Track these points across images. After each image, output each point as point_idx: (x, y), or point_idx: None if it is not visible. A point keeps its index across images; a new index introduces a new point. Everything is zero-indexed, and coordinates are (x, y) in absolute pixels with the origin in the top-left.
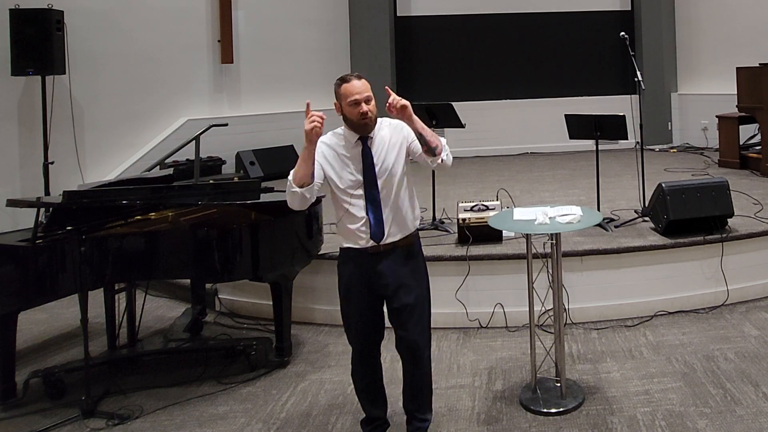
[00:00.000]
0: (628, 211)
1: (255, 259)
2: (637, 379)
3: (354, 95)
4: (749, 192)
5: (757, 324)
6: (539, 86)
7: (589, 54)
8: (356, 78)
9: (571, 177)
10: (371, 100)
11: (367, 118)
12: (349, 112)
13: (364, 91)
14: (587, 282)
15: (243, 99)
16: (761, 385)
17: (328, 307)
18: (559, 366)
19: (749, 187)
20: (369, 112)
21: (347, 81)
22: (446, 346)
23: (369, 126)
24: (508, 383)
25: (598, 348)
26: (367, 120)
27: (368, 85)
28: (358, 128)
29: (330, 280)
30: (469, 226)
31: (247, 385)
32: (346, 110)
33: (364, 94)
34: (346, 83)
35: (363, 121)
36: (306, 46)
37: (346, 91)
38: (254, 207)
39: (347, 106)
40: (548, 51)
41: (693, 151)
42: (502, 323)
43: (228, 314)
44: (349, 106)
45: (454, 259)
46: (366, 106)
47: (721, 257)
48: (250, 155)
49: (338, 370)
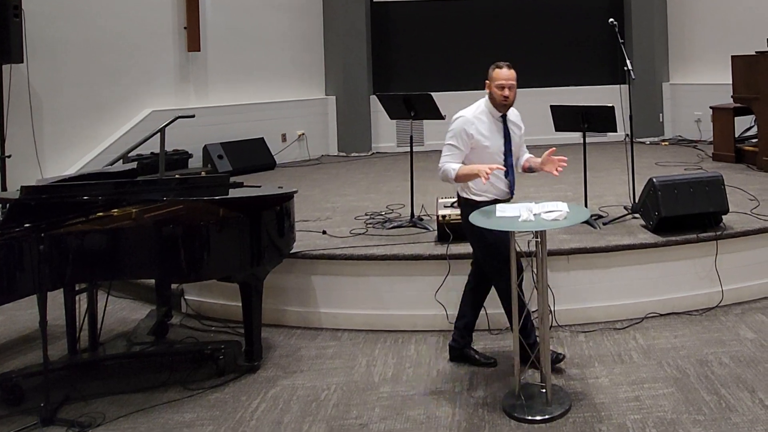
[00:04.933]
0: (617, 207)
1: (223, 258)
2: (626, 385)
3: (501, 80)
4: (745, 187)
5: (754, 326)
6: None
7: (576, 42)
8: (507, 67)
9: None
10: (514, 87)
11: (507, 101)
12: (495, 92)
13: (510, 79)
14: (574, 282)
15: (210, 89)
16: (758, 390)
17: (300, 309)
18: (545, 371)
19: (745, 182)
20: (509, 97)
21: (500, 67)
22: (425, 350)
23: (507, 107)
24: (491, 389)
25: (585, 352)
26: (506, 102)
27: (515, 75)
28: (498, 106)
29: (303, 280)
30: (449, 223)
31: (214, 391)
32: (493, 90)
33: (509, 81)
34: (498, 69)
35: (503, 102)
36: (277, 33)
37: (497, 75)
38: (222, 203)
39: (495, 88)
40: (533, 38)
41: (686, 144)
42: (485, 326)
43: (195, 316)
44: (495, 87)
45: (433, 257)
46: (508, 92)
47: (715, 256)
48: (218, 148)
49: (311, 375)
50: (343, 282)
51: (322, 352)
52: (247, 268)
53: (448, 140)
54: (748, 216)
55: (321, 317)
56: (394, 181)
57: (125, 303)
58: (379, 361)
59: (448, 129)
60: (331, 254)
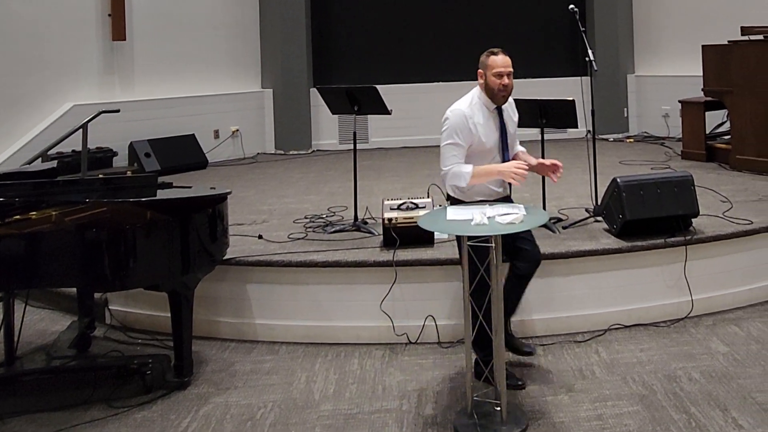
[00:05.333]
0: (578, 210)
1: (151, 265)
2: (588, 403)
3: (499, 68)
4: (717, 188)
5: (726, 339)
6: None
7: (534, 30)
8: (503, 53)
9: None
10: (511, 75)
11: (506, 90)
12: (492, 81)
13: (508, 66)
14: (531, 291)
15: (137, 81)
16: (730, 409)
17: (234, 320)
18: (499, 387)
19: (717, 183)
20: (508, 85)
21: (495, 54)
22: (370, 364)
23: (505, 97)
24: (441, 407)
25: (543, 366)
26: (505, 92)
27: (510, 62)
28: (495, 97)
29: (237, 288)
30: (396, 227)
31: (141, 410)
32: (489, 79)
33: (508, 68)
34: (494, 56)
35: (502, 92)
36: (210, 22)
37: (493, 62)
38: (150, 205)
39: (491, 76)
40: (487, 27)
41: (652, 141)
42: (434, 338)
43: (120, 328)
44: (493, 76)
45: (378, 264)
46: (507, 80)
47: (684, 263)
48: (146, 146)
49: (246, 392)
50: (281, 291)
51: (258, 366)
52: (176, 275)
53: (446, 140)
54: (719, 219)
55: (257, 329)
56: (336, 182)
57: (44, 313)
58: (320, 376)
59: (443, 127)
60: (267, 261)
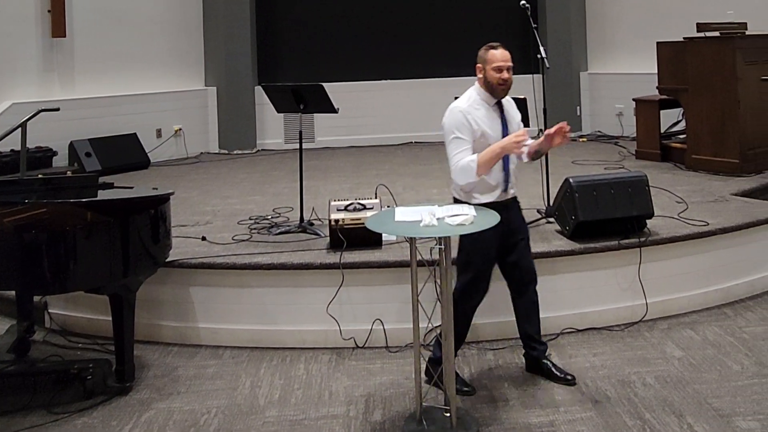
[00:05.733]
0: (529, 211)
1: (92, 268)
2: (539, 408)
3: (499, 62)
4: (672, 188)
5: (681, 343)
6: (425, 64)
7: (484, 27)
8: (502, 48)
9: None
10: (511, 69)
11: (506, 83)
12: (491, 75)
13: (508, 60)
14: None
15: (77, 79)
16: (686, 415)
17: (177, 324)
18: (449, 393)
19: (672, 183)
20: (508, 79)
21: (495, 48)
22: (316, 369)
23: (505, 91)
24: (389, 413)
25: (494, 371)
26: (504, 86)
27: (510, 56)
28: (495, 91)
29: (180, 291)
30: (343, 228)
31: (82, 415)
32: (489, 74)
33: (507, 63)
34: (494, 50)
35: (502, 86)
36: (152, 18)
37: (492, 57)
38: (91, 206)
39: (491, 70)
40: (436, 23)
41: (606, 141)
42: (382, 342)
43: (60, 332)
44: (492, 70)
45: (325, 267)
46: (507, 74)
47: (639, 265)
48: (86, 145)
49: (189, 398)
50: (225, 294)
51: (202, 371)
52: (117, 278)
53: (450, 136)
54: (675, 220)
55: (200, 333)
56: (282, 182)
57: None
58: (265, 381)
59: (444, 126)
60: (211, 263)
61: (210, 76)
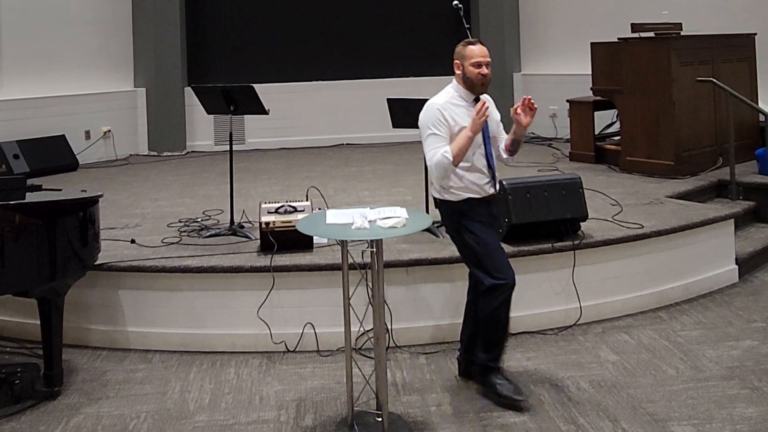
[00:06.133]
0: None
1: (19, 271)
2: (473, 413)
3: (477, 57)
4: (606, 191)
5: (616, 347)
6: (357, 65)
7: (417, 27)
8: (480, 43)
9: (394, 173)
10: (490, 64)
11: (485, 79)
12: (470, 71)
13: (486, 55)
14: (414, 298)
15: (4, 80)
16: (620, 420)
17: (106, 328)
18: (381, 397)
19: (606, 185)
20: (487, 75)
21: (472, 44)
22: (246, 373)
23: (484, 86)
24: (320, 418)
25: (426, 376)
26: (484, 81)
27: (488, 52)
28: (474, 87)
29: (109, 295)
30: (274, 231)
31: (10, 420)
32: (467, 70)
33: (486, 58)
34: (471, 45)
35: (481, 81)
36: (80, 17)
37: (470, 52)
38: (18, 208)
39: (469, 66)
40: (368, 24)
41: (539, 142)
42: (313, 346)
43: None
44: (471, 66)
45: (255, 270)
46: (486, 69)
47: (572, 268)
48: (14, 147)
49: (118, 402)
50: (154, 297)
51: (131, 375)
52: (45, 281)
53: (426, 133)
54: (609, 223)
55: (129, 337)
56: (212, 184)
57: None
58: (195, 386)
59: (420, 123)
60: (140, 266)
61: (139, 77)
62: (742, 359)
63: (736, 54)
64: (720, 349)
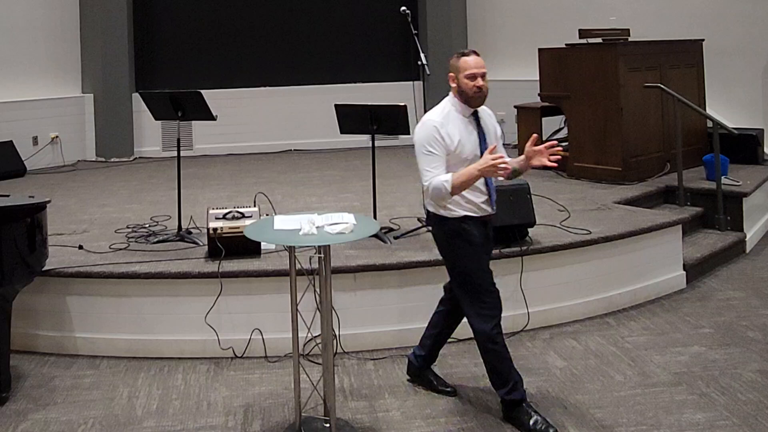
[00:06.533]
0: (410, 219)
1: None
2: (420, 419)
3: (472, 69)
4: (554, 196)
5: (564, 353)
6: (305, 71)
7: (364, 33)
8: (474, 54)
9: (342, 179)
10: (485, 76)
11: (481, 92)
12: (465, 84)
13: (481, 66)
14: (362, 303)
15: None
16: (568, 426)
17: (53, 334)
18: (329, 403)
19: (554, 191)
20: (483, 87)
21: (466, 55)
22: (194, 379)
23: (481, 99)
24: (268, 423)
25: (374, 382)
26: (480, 95)
27: (483, 63)
28: (470, 101)
29: (56, 301)
30: (222, 236)
31: None
32: (462, 82)
33: (481, 69)
34: (465, 56)
35: (477, 94)
36: (28, 23)
37: (465, 64)
38: None
39: (464, 79)
40: (315, 29)
41: None
42: (261, 352)
43: None
44: (466, 78)
45: (203, 276)
46: (481, 81)
47: (520, 274)
48: None
49: (66, 408)
50: (102, 303)
51: (79, 381)
52: None
53: (422, 153)
54: (557, 229)
55: (77, 343)
56: (160, 190)
57: None
58: (143, 392)
59: (415, 140)
60: (88, 272)
61: (87, 83)
62: (689, 365)
63: (683, 60)
64: (667, 354)
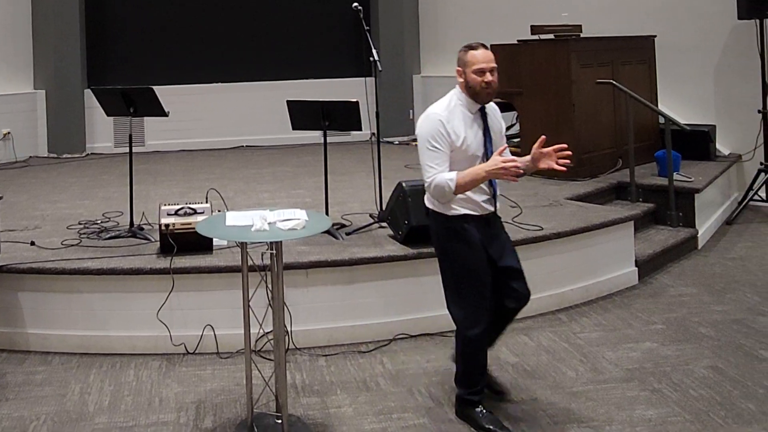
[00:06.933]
0: (362, 215)
1: None
2: (372, 415)
3: (480, 63)
4: (506, 193)
5: (515, 349)
6: (256, 67)
7: (316, 29)
8: (483, 47)
9: (294, 175)
10: (495, 70)
11: (490, 87)
12: (473, 79)
13: (491, 61)
14: (314, 300)
15: None
16: (520, 422)
17: (5, 330)
18: (281, 399)
19: (506, 187)
20: (492, 82)
21: (474, 48)
22: (146, 375)
23: (490, 95)
24: (220, 419)
25: (326, 378)
26: (489, 90)
27: (493, 56)
28: (478, 96)
29: (8, 297)
30: (174, 233)
31: None
32: (469, 77)
33: (490, 64)
34: (473, 50)
35: (486, 90)
36: None
37: (472, 58)
38: None
39: (471, 74)
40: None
41: None
42: (213, 348)
43: None
44: (473, 73)
45: (155, 272)
46: (490, 77)
47: None
48: None
49: (17, 404)
50: (54, 299)
51: (31, 377)
52: None
53: (425, 148)
54: (508, 225)
55: (29, 339)
56: (112, 186)
57: None
58: (95, 388)
59: (418, 133)
60: (40, 268)
61: (39, 79)
62: (641, 361)
63: (635, 56)
64: (619, 350)
